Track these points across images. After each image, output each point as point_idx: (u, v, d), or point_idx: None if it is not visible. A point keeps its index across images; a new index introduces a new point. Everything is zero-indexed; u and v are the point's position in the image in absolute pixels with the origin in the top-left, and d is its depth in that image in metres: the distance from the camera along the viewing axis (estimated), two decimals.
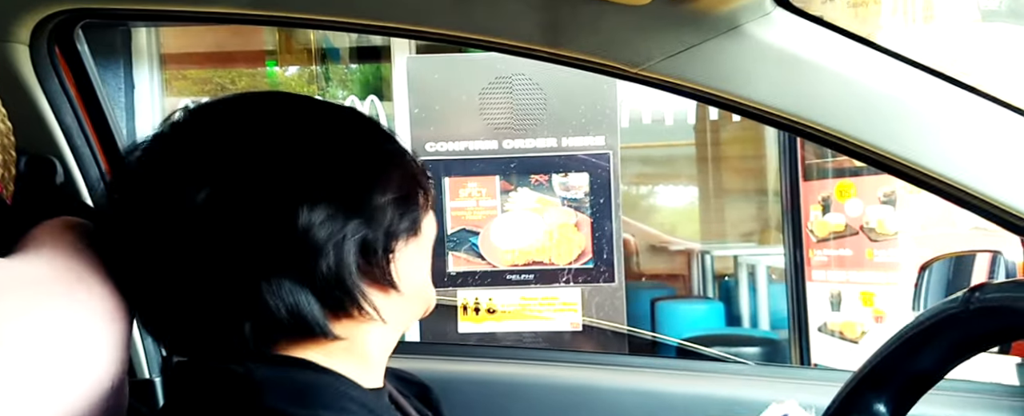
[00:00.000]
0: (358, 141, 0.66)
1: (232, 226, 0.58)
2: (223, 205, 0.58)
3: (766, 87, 0.82)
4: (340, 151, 0.64)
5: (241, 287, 0.58)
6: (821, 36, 0.82)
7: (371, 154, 0.66)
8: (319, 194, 0.59)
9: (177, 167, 0.60)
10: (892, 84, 0.82)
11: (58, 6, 0.84)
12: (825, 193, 2.60)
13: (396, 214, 0.64)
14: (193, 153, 0.61)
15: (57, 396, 0.57)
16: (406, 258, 0.66)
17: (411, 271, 0.66)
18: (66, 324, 0.59)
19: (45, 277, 0.60)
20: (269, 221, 0.58)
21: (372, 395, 0.65)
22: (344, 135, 0.66)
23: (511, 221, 2.38)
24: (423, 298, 0.70)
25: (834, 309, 2.63)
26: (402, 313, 0.68)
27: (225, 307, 0.59)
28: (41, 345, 0.56)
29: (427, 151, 2.39)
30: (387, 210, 0.63)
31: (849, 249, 2.55)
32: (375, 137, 0.68)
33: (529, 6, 0.81)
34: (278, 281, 0.58)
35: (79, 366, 0.59)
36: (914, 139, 0.82)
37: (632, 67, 0.83)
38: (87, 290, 0.62)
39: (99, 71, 1.01)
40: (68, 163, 0.93)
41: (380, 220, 0.62)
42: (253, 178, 0.59)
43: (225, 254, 0.58)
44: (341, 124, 0.67)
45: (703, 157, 5.16)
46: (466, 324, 2.39)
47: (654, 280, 4.84)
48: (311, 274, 0.59)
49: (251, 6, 0.84)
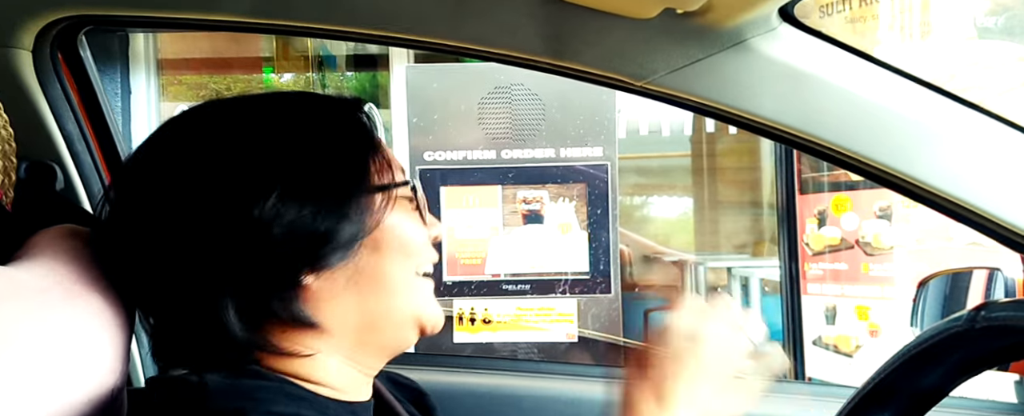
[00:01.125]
0: (258, 141, 0.59)
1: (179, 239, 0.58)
2: (162, 223, 0.58)
3: (770, 102, 0.82)
4: (230, 157, 0.58)
5: (193, 301, 0.58)
6: (826, 52, 0.82)
7: (265, 156, 0.58)
8: (198, 210, 0.57)
9: (147, 180, 0.61)
10: (895, 100, 0.82)
11: (62, 12, 0.84)
12: (821, 206, 2.61)
13: (297, 233, 0.56)
14: (163, 165, 0.61)
15: (55, 404, 0.57)
16: (334, 288, 0.59)
17: (348, 302, 0.60)
18: (65, 332, 0.58)
19: (45, 285, 0.60)
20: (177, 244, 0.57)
21: (338, 406, 0.62)
22: (247, 135, 0.60)
23: (512, 241, 2.38)
24: (389, 329, 0.63)
25: (829, 323, 2.63)
26: (355, 348, 0.62)
27: (185, 321, 0.60)
28: (40, 353, 0.56)
29: (425, 160, 2.38)
30: (277, 228, 0.56)
31: (844, 263, 2.55)
32: (295, 134, 0.60)
33: (534, 18, 0.81)
34: (225, 300, 0.57)
35: (78, 374, 0.59)
36: (915, 155, 0.82)
37: (637, 80, 0.82)
38: (87, 298, 0.62)
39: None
40: (68, 170, 0.93)
41: (270, 242, 0.56)
42: (189, 191, 0.58)
43: (173, 268, 0.58)
44: (263, 122, 0.61)
45: (699, 168, 5.17)
46: (462, 334, 2.39)
47: (647, 290, 4.83)
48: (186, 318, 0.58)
49: (254, 15, 0.84)
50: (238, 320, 0.57)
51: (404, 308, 0.63)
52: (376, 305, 0.62)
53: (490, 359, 2.12)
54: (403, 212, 0.63)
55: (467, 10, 0.82)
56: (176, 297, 0.60)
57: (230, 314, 0.57)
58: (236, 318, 0.57)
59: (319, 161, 0.59)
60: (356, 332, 0.62)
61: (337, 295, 0.60)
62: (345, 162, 0.60)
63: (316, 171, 0.58)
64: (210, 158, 0.59)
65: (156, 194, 0.60)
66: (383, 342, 0.64)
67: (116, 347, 0.63)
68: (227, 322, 0.57)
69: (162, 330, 0.63)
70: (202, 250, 0.57)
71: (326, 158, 0.59)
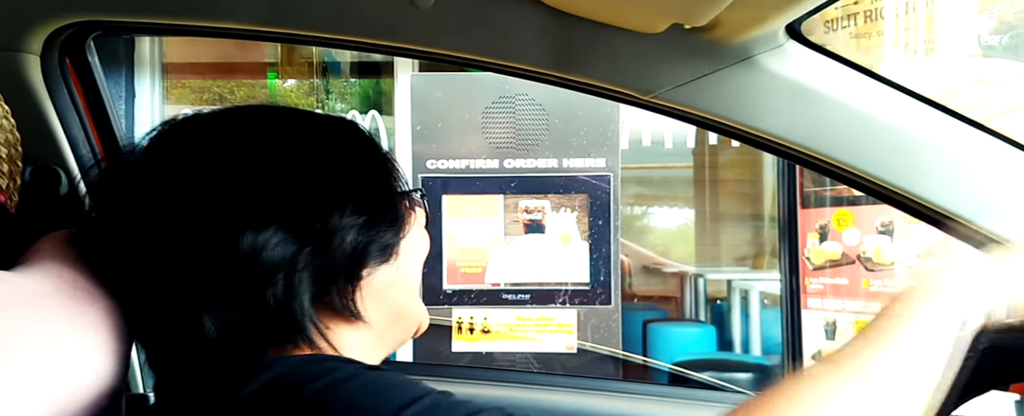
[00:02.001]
0: (320, 156, 0.62)
1: (178, 248, 0.57)
2: (172, 227, 0.58)
3: (776, 118, 0.82)
4: (296, 169, 0.60)
5: (186, 311, 0.58)
6: (832, 69, 0.82)
7: (332, 171, 0.61)
8: (266, 218, 0.57)
9: (139, 185, 0.61)
10: (899, 117, 0.82)
11: (71, 18, 0.84)
12: (822, 221, 2.61)
13: (361, 239, 0.60)
14: (153, 172, 0.61)
15: (54, 408, 0.56)
16: (378, 285, 0.62)
17: (386, 298, 0.63)
18: (66, 337, 0.58)
19: (47, 290, 0.59)
20: (211, 245, 0.56)
21: None
22: (305, 149, 0.61)
23: (514, 250, 2.38)
24: (404, 325, 0.67)
25: (829, 337, 2.62)
26: (377, 340, 0.65)
27: (174, 330, 0.59)
28: (41, 357, 0.56)
29: (428, 168, 2.39)
30: (348, 235, 0.59)
31: (845, 278, 2.55)
32: (345, 150, 0.64)
33: (543, 31, 0.81)
34: (216, 310, 0.57)
35: (77, 379, 0.58)
36: (918, 172, 0.83)
37: (644, 94, 0.83)
38: (88, 304, 0.62)
39: None
40: (73, 174, 0.93)
41: (340, 246, 0.58)
42: (201, 199, 0.58)
43: (172, 277, 0.58)
44: (308, 137, 0.63)
45: (701, 180, 5.18)
46: (460, 343, 2.38)
47: (646, 301, 4.83)
48: (257, 304, 0.57)
49: (263, 23, 0.84)
50: (307, 306, 0.58)
51: (417, 305, 0.68)
52: (403, 303, 0.66)
53: (488, 370, 2.12)
54: (417, 223, 0.68)
55: (476, 23, 0.82)
56: (155, 309, 0.60)
57: (304, 300, 0.58)
58: (307, 304, 0.58)
59: (368, 174, 0.64)
60: (384, 325, 0.64)
61: (380, 291, 0.63)
62: (382, 171, 0.65)
63: (366, 183, 0.63)
64: (228, 172, 0.59)
65: (157, 207, 0.60)
66: (398, 336, 0.68)
67: (116, 353, 0.63)
68: (296, 307, 0.57)
69: (164, 336, 0.63)
70: (270, 251, 0.58)
71: (371, 171, 0.64)
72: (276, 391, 0.52)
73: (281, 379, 0.53)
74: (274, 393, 0.52)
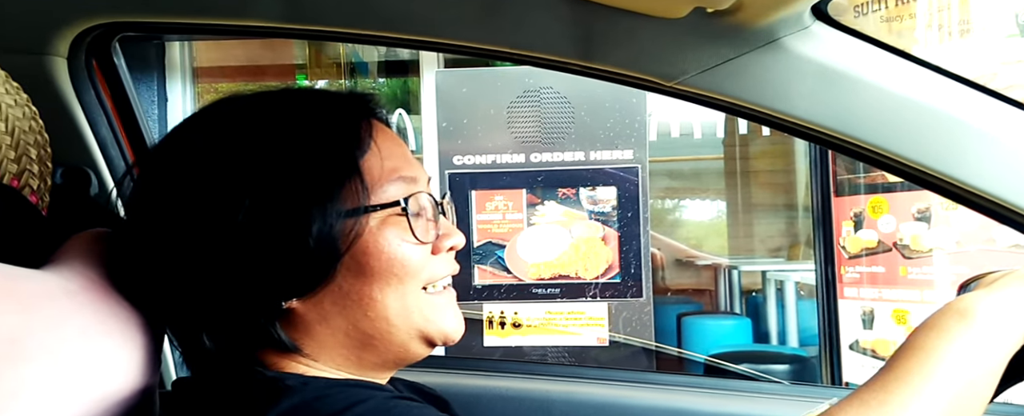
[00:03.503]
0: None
1: (198, 245, 0.58)
2: (191, 224, 0.59)
3: (804, 101, 0.80)
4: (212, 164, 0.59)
5: (196, 307, 0.59)
6: (861, 50, 0.80)
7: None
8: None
9: (160, 185, 0.62)
10: (933, 98, 0.80)
11: (96, 20, 0.85)
12: (857, 209, 2.56)
13: (269, 271, 0.57)
14: (173, 172, 0.62)
15: (87, 404, 0.57)
16: (326, 311, 0.60)
17: (341, 324, 0.60)
18: (99, 334, 0.59)
19: (79, 288, 0.60)
20: (230, 241, 0.57)
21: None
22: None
23: (537, 234, 2.37)
24: (390, 344, 0.62)
25: (866, 327, 2.57)
26: (355, 360, 0.62)
27: (193, 324, 0.61)
28: (74, 354, 0.56)
29: (455, 164, 2.39)
30: (251, 269, 0.57)
31: (882, 266, 2.50)
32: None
33: (563, 20, 0.80)
34: (211, 318, 0.59)
35: (109, 375, 0.59)
36: (956, 154, 0.80)
37: (667, 80, 0.81)
38: (119, 301, 0.62)
39: (134, 84, 1.02)
40: (103, 174, 0.94)
41: (245, 278, 0.57)
42: (215, 197, 0.58)
43: (194, 274, 0.59)
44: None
45: (732, 171, 5.12)
46: (491, 338, 2.38)
47: (680, 295, 4.80)
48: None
49: (285, 20, 0.85)
50: (223, 341, 0.59)
51: (402, 327, 0.62)
52: (369, 326, 0.61)
53: (519, 362, 2.12)
54: (393, 232, 0.61)
55: (496, 13, 0.81)
56: (177, 305, 0.62)
57: (213, 334, 0.59)
58: (218, 338, 0.59)
59: (276, 190, 0.58)
60: (349, 350, 0.62)
61: (326, 318, 0.60)
62: (306, 192, 0.58)
63: (273, 199, 0.58)
64: (184, 173, 0.60)
65: (143, 208, 0.63)
66: (383, 357, 0.63)
67: (148, 348, 0.64)
68: (207, 342, 0.59)
69: (188, 330, 0.64)
70: (184, 266, 0.59)
71: (283, 188, 0.58)
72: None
73: (307, 406, 0.53)
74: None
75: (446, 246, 0.65)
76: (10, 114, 0.68)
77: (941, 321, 0.57)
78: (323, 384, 0.57)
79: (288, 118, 0.61)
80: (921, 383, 0.53)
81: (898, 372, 0.54)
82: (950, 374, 0.54)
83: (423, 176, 0.66)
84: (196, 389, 0.63)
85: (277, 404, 0.53)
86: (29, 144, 0.70)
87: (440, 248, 0.65)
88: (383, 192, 0.61)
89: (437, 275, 0.64)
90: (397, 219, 0.61)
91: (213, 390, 0.60)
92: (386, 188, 0.61)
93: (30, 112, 0.72)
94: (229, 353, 0.60)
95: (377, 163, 0.61)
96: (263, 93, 0.65)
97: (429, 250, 0.64)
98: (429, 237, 0.63)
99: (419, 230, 0.61)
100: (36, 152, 0.71)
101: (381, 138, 0.63)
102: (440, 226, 0.65)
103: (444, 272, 0.65)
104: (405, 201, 0.61)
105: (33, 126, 0.71)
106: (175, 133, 0.65)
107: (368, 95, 0.66)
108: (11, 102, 0.69)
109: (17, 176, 0.69)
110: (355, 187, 0.59)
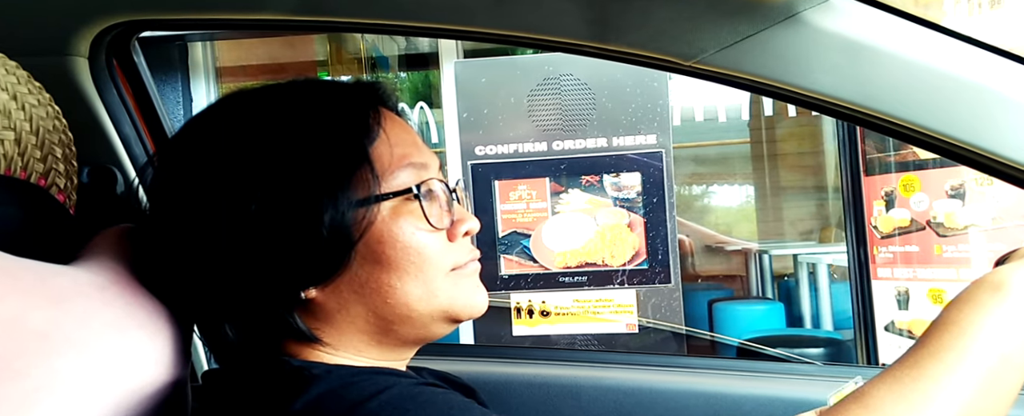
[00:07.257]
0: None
1: (219, 238, 0.59)
2: (212, 218, 0.59)
3: (827, 76, 0.78)
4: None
5: (216, 298, 0.60)
6: (884, 21, 0.78)
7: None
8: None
9: (181, 180, 0.63)
10: (962, 67, 0.77)
11: (115, 18, 0.86)
12: (888, 187, 2.51)
13: (284, 264, 0.58)
14: (194, 167, 0.63)
15: (120, 397, 0.58)
16: (345, 299, 0.60)
17: (360, 311, 0.61)
18: (128, 328, 0.60)
19: (107, 282, 0.61)
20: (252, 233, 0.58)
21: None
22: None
23: (563, 223, 2.36)
24: (411, 325, 0.63)
25: (902, 307, 2.53)
26: (376, 343, 0.63)
27: (215, 316, 0.62)
28: (104, 348, 0.57)
29: (476, 155, 2.39)
30: (265, 262, 0.58)
31: (916, 245, 2.46)
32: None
33: (576, 2, 0.79)
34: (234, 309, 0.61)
35: (141, 368, 0.60)
36: (988, 125, 0.77)
37: (685, 60, 0.80)
38: (147, 295, 0.63)
39: (158, 84, 1.03)
40: (128, 172, 0.95)
41: (260, 271, 0.58)
42: (236, 189, 0.59)
43: (219, 266, 0.59)
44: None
45: (759, 154, 5.06)
46: (520, 328, 2.38)
47: (710, 281, 4.76)
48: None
49: (299, 12, 0.85)
50: (245, 332, 0.60)
51: (425, 311, 0.62)
52: (389, 312, 0.61)
53: (548, 349, 2.12)
54: (407, 220, 0.61)
55: None
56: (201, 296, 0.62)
57: (235, 325, 0.60)
58: (240, 329, 0.60)
59: (287, 181, 0.58)
60: (370, 336, 0.62)
61: (345, 306, 0.61)
62: (316, 182, 0.58)
63: (285, 190, 0.58)
64: (197, 167, 0.61)
65: (160, 202, 0.64)
66: (403, 339, 0.64)
67: (177, 342, 0.64)
68: (229, 333, 0.60)
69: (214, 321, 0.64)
70: (202, 258, 0.60)
71: (294, 180, 0.58)
72: (331, 407, 0.53)
73: (333, 394, 0.54)
74: (330, 411, 0.53)
75: (461, 231, 0.65)
76: (34, 114, 0.69)
77: (974, 295, 0.56)
78: (347, 372, 0.57)
79: (296, 110, 0.61)
80: (955, 358, 0.52)
81: (931, 347, 0.53)
82: (984, 348, 0.52)
83: (434, 162, 0.65)
84: (224, 381, 0.63)
85: (305, 393, 0.54)
86: (54, 143, 0.71)
87: (455, 234, 0.65)
88: (394, 180, 0.61)
89: (459, 262, 0.64)
90: (410, 206, 0.61)
91: (239, 381, 0.61)
92: (397, 175, 0.61)
93: (53, 112, 0.73)
94: (252, 344, 0.61)
95: (387, 151, 0.61)
96: (271, 86, 0.65)
97: (444, 236, 0.64)
98: (443, 223, 0.63)
99: (433, 216, 0.62)
100: (61, 151, 0.72)
101: (390, 126, 0.63)
102: (454, 212, 0.65)
103: (466, 258, 0.65)
104: (417, 188, 0.61)
105: (57, 125, 0.72)
106: (187, 128, 0.65)
107: (375, 84, 0.66)
108: (34, 102, 0.70)
109: (44, 175, 0.70)
110: (365, 175, 0.59)
